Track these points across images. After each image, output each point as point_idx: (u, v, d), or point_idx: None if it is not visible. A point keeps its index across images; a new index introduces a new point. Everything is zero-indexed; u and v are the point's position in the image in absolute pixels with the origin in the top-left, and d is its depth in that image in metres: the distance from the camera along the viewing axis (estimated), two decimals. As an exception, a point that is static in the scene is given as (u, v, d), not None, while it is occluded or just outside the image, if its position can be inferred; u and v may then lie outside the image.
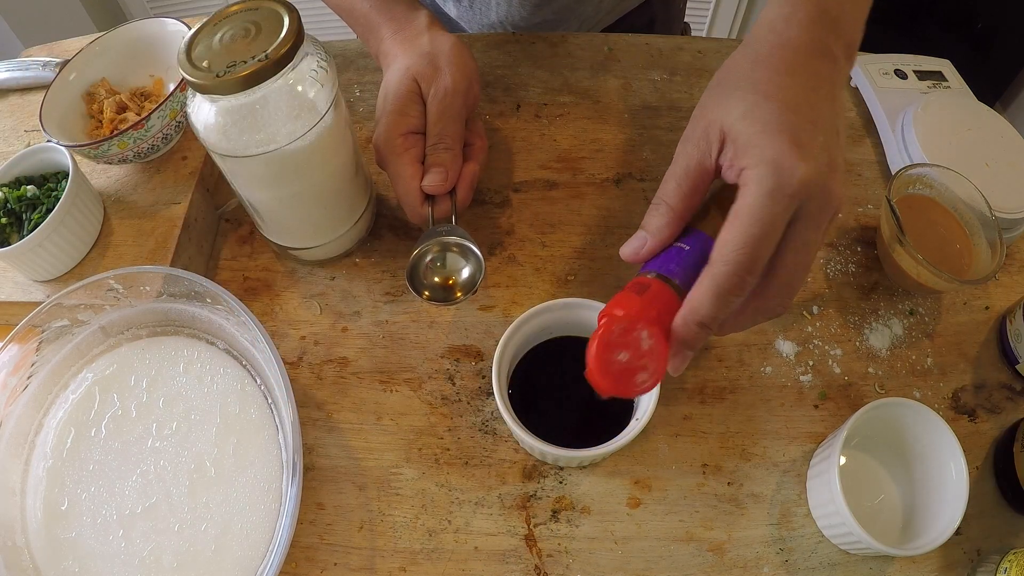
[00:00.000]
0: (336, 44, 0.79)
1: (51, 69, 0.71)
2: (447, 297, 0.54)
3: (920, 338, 0.59)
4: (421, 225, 0.58)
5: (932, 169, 0.60)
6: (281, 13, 0.48)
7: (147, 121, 0.57)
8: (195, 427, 0.52)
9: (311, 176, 0.53)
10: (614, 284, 0.61)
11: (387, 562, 0.50)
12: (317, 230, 0.59)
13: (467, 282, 0.54)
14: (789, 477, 0.53)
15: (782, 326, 0.59)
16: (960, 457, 0.47)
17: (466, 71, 0.58)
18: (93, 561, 0.47)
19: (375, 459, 0.54)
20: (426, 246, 0.54)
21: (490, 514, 0.51)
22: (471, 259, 0.54)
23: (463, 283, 0.54)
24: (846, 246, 0.64)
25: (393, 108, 0.56)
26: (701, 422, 0.55)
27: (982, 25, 1.49)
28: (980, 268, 0.58)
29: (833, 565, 0.50)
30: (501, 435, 0.54)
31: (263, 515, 0.48)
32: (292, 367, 0.58)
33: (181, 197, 0.61)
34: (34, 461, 0.51)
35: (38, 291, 0.57)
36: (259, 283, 0.62)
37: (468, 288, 0.54)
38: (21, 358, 0.52)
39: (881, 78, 0.72)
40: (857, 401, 0.56)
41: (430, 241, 0.54)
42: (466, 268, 0.54)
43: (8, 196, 0.57)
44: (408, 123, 0.56)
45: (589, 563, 0.50)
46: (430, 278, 0.54)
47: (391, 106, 0.56)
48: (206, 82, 0.45)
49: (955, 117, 0.67)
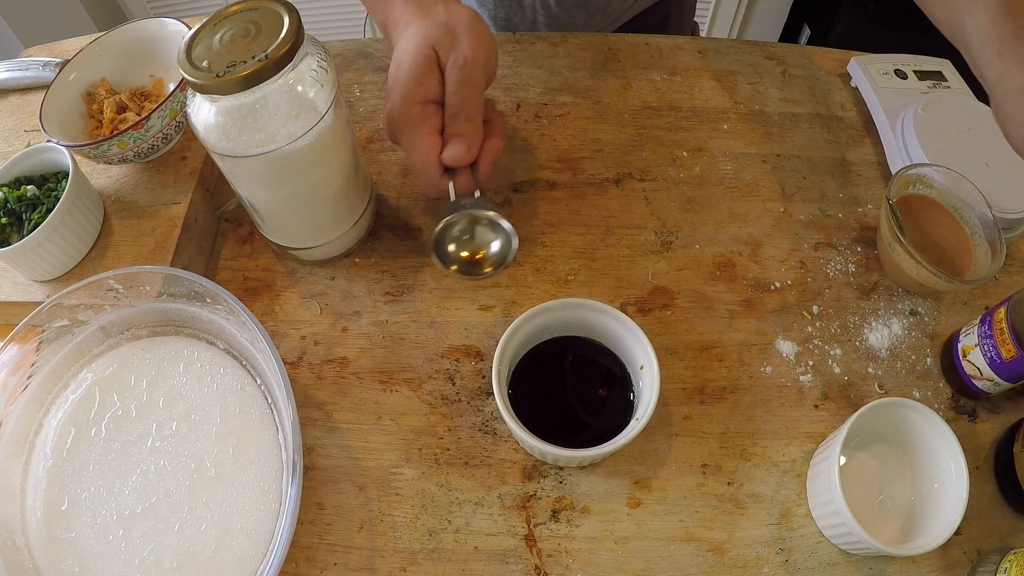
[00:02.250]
0: (336, 44, 0.79)
1: (51, 69, 0.71)
2: (474, 271, 0.52)
3: (920, 338, 0.59)
4: (438, 198, 0.56)
5: (932, 169, 0.60)
6: (281, 13, 0.48)
7: (147, 121, 0.57)
8: (195, 427, 0.52)
9: (311, 176, 0.53)
10: (614, 284, 0.61)
11: (387, 562, 0.50)
12: (317, 230, 0.59)
13: (497, 256, 0.52)
14: (789, 477, 0.53)
15: (782, 326, 0.59)
16: (960, 457, 0.47)
17: (485, 42, 0.54)
18: (93, 561, 0.47)
19: (375, 459, 0.54)
20: (454, 217, 0.51)
21: (490, 514, 0.51)
22: (501, 233, 0.52)
23: (493, 257, 0.52)
24: (846, 246, 0.64)
25: (410, 76, 0.52)
26: (701, 422, 0.55)
27: (982, 25, 1.49)
28: (980, 268, 0.58)
29: (833, 565, 0.50)
30: (501, 435, 0.54)
31: (263, 515, 0.48)
32: (292, 367, 0.58)
33: (181, 197, 0.61)
34: (34, 461, 0.51)
35: (38, 291, 0.57)
36: (259, 283, 0.62)
37: (499, 263, 0.52)
38: (21, 358, 0.52)
39: (881, 78, 0.72)
40: (857, 401, 0.56)
41: (459, 213, 0.51)
42: (496, 242, 0.52)
43: (8, 196, 0.57)
44: (426, 92, 0.53)
45: (589, 563, 0.50)
46: (457, 252, 0.52)
47: (407, 74, 0.53)
48: (206, 82, 0.45)
49: (955, 117, 0.67)
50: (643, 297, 0.61)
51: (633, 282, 0.61)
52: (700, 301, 0.61)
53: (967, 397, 0.56)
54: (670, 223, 0.65)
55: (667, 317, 0.60)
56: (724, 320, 0.60)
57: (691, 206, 0.66)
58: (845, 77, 0.77)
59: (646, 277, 0.62)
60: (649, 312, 0.60)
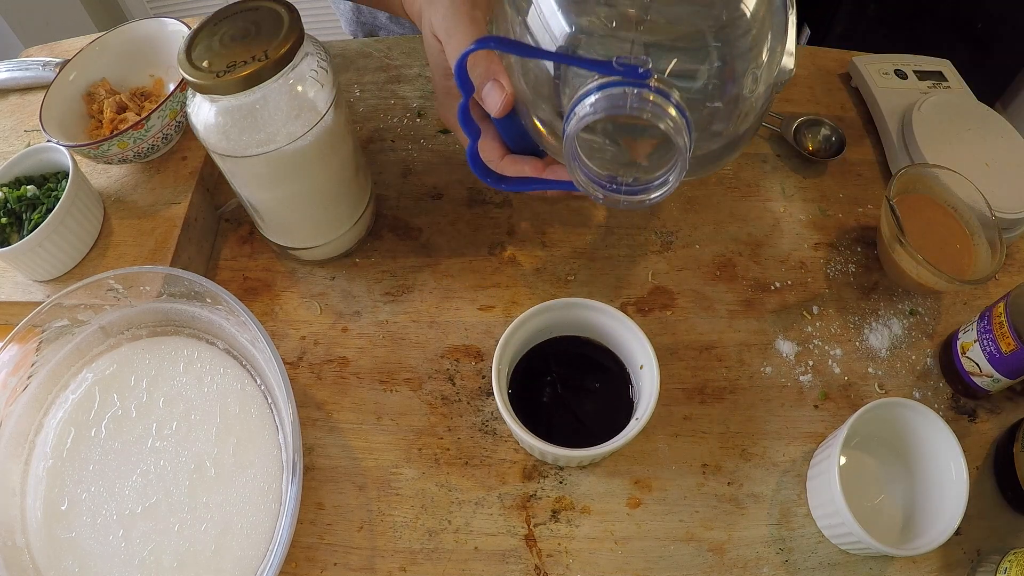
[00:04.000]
0: (336, 44, 0.79)
1: (51, 69, 0.71)
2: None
3: (920, 338, 0.59)
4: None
5: (932, 169, 0.60)
6: (281, 13, 0.48)
7: (147, 121, 0.57)
8: (195, 427, 0.52)
9: (311, 176, 0.53)
10: (614, 284, 0.61)
11: (387, 562, 0.50)
12: (317, 230, 0.59)
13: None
14: (789, 477, 0.53)
15: (782, 326, 0.59)
16: (960, 457, 0.47)
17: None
18: (93, 561, 0.47)
19: (375, 459, 0.54)
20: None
21: (490, 514, 0.51)
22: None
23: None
24: (846, 246, 0.64)
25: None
26: (701, 422, 0.55)
27: (982, 25, 1.49)
28: (980, 268, 0.58)
29: (833, 565, 0.50)
30: (501, 435, 0.54)
31: (263, 515, 0.48)
32: (292, 367, 0.58)
33: (181, 197, 0.61)
34: (34, 461, 0.51)
35: (38, 291, 0.57)
36: (259, 283, 0.62)
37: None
38: (21, 358, 0.52)
39: (881, 78, 0.72)
40: (857, 401, 0.56)
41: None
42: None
43: (8, 196, 0.57)
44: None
45: (589, 563, 0.50)
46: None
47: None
48: (206, 82, 0.45)
49: (955, 117, 0.67)
50: (643, 297, 0.61)
51: (633, 282, 0.61)
52: (700, 301, 0.61)
53: (966, 396, 0.56)
54: (670, 223, 0.65)
55: (667, 317, 0.60)
56: (724, 320, 0.60)
57: (691, 206, 0.66)
58: (845, 77, 0.77)
59: (646, 277, 0.62)
60: (649, 312, 0.60)
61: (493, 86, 0.39)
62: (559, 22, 0.33)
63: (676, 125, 0.31)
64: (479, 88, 0.40)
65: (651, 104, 0.31)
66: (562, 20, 0.33)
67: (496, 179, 0.45)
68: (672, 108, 0.31)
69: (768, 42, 0.33)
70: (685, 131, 0.31)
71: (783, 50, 0.34)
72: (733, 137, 0.37)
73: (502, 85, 0.38)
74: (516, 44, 0.35)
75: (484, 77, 0.39)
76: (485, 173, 0.45)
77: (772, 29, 0.33)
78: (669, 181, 0.35)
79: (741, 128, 0.36)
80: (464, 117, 0.41)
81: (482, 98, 0.40)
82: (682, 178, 0.34)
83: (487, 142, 0.44)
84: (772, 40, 0.33)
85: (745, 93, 0.34)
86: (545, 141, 0.38)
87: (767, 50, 0.33)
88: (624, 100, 0.31)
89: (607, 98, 0.31)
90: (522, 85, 0.38)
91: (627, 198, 0.36)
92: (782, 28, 0.34)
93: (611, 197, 0.36)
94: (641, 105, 0.31)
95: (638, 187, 0.35)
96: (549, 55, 0.34)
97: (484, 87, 0.39)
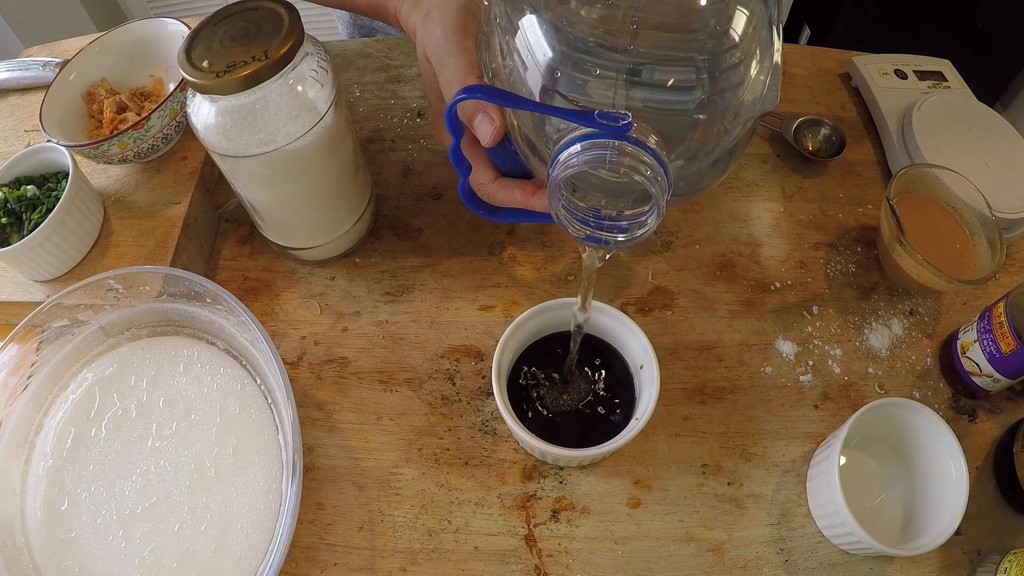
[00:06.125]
0: (336, 44, 0.79)
1: (51, 69, 0.71)
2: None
3: (920, 338, 0.59)
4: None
5: (932, 169, 0.60)
6: (281, 13, 0.48)
7: (147, 121, 0.57)
8: (195, 427, 0.52)
9: (311, 176, 0.53)
10: (614, 284, 0.61)
11: (387, 562, 0.50)
12: (317, 230, 0.59)
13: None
14: (789, 477, 0.53)
15: (782, 326, 0.59)
16: (960, 457, 0.47)
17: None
18: (93, 561, 0.47)
19: (375, 459, 0.54)
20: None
21: (490, 514, 0.51)
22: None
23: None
24: (846, 246, 0.64)
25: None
26: (701, 422, 0.55)
27: (982, 25, 1.49)
28: (980, 268, 0.58)
29: (833, 565, 0.50)
30: (501, 435, 0.54)
31: (263, 515, 0.48)
32: (292, 367, 0.58)
33: (181, 197, 0.61)
34: (34, 461, 0.51)
35: (38, 291, 0.57)
36: (259, 283, 0.62)
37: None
38: (21, 358, 0.52)
39: (881, 78, 0.72)
40: (857, 401, 0.56)
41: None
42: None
43: (8, 196, 0.57)
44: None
45: (589, 563, 0.50)
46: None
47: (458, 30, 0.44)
48: (206, 82, 0.45)
49: (955, 117, 0.67)
50: (643, 297, 0.61)
51: (633, 282, 0.61)
52: (700, 301, 0.61)
53: (966, 396, 0.56)
54: (670, 223, 0.65)
55: (667, 317, 0.60)
56: (724, 320, 0.60)
57: (691, 206, 0.66)
58: (845, 77, 0.77)
59: (646, 277, 0.62)
60: (649, 312, 0.60)
61: (483, 119, 0.41)
62: (543, 48, 0.34)
63: (652, 173, 0.32)
64: (470, 120, 0.42)
65: (628, 159, 0.32)
66: (546, 47, 0.35)
67: (489, 211, 0.47)
68: (648, 156, 0.32)
69: (754, 69, 0.34)
70: (662, 176, 0.33)
71: (767, 76, 0.35)
72: (719, 160, 0.38)
73: (492, 118, 0.41)
74: (502, 93, 0.37)
75: (475, 109, 0.42)
76: (477, 205, 0.47)
77: (758, 56, 0.34)
78: (648, 224, 0.36)
79: (725, 156, 0.38)
80: (455, 157, 0.43)
81: (473, 128, 0.42)
82: (660, 220, 0.36)
83: (478, 167, 0.46)
84: (757, 67, 0.34)
85: (727, 125, 0.36)
86: (532, 164, 0.40)
87: (753, 76, 0.34)
88: (604, 156, 0.33)
89: (588, 153, 0.33)
90: (511, 117, 0.40)
91: (608, 235, 0.38)
92: (768, 52, 0.34)
93: (594, 235, 0.38)
94: (619, 160, 0.32)
95: (623, 221, 0.37)
96: (533, 106, 0.36)
97: (475, 119, 0.42)
